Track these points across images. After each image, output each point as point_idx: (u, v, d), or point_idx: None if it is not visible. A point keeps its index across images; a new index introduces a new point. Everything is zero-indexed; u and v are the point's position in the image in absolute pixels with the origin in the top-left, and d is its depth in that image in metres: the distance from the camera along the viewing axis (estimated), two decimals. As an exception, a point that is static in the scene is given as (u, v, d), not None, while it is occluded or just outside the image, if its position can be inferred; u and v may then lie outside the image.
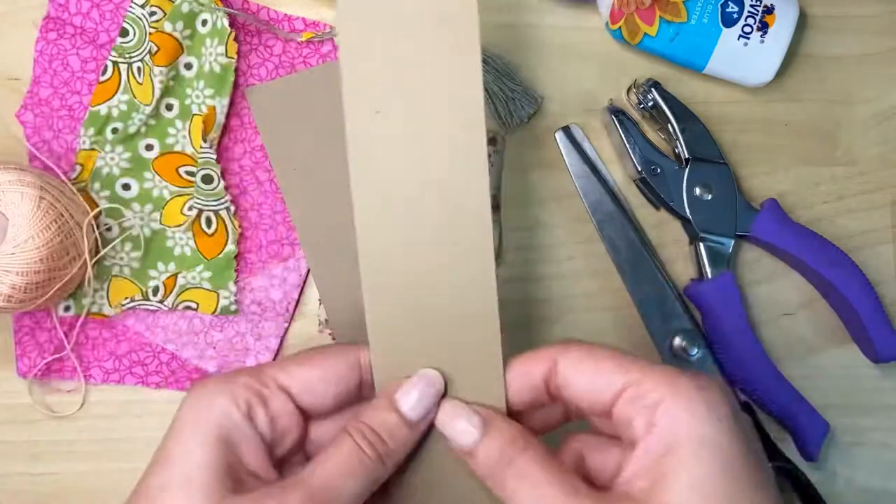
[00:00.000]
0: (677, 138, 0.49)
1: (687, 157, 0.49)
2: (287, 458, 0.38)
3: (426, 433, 0.37)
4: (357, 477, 0.34)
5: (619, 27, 0.49)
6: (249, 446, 0.35)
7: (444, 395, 0.37)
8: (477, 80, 0.37)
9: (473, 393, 0.37)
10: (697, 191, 0.49)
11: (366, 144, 0.37)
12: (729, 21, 0.49)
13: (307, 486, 0.33)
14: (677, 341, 0.49)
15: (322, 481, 0.34)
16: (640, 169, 0.49)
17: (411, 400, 0.36)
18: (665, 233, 0.51)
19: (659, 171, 0.49)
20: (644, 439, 0.31)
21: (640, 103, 0.50)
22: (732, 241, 0.49)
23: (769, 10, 0.49)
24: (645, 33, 0.49)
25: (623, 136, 0.49)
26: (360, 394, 0.38)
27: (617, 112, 0.50)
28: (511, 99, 0.51)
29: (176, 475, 0.33)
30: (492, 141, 0.51)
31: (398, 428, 0.36)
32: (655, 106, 0.49)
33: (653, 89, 0.49)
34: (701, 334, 0.50)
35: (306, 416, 0.38)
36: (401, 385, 0.36)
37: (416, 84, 0.37)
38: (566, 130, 0.51)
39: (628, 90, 0.51)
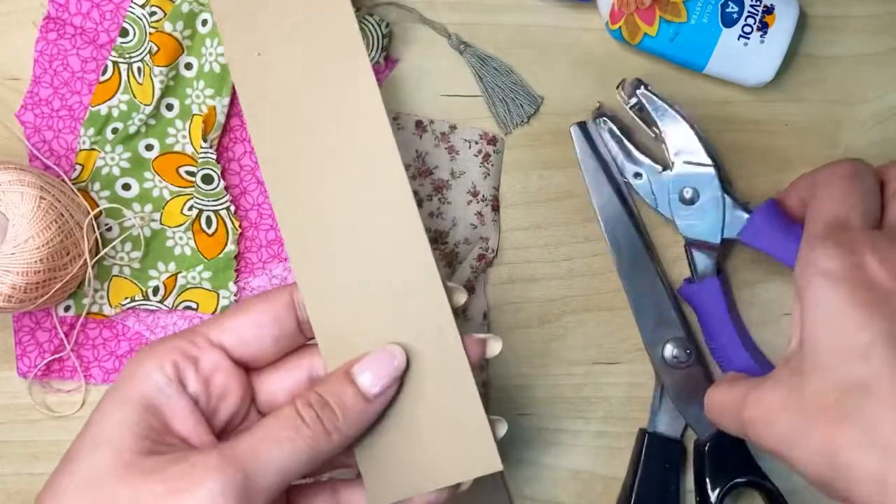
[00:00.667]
0: (662, 140, 0.48)
1: (672, 159, 0.49)
2: (234, 424, 0.36)
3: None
4: (288, 446, 0.32)
5: (619, 27, 0.49)
6: (177, 411, 0.33)
7: (407, 368, 0.35)
8: (349, 13, 0.37)
9: (434, 360, 0.36)
10: (683, 194, 0.48)
11: (254, 86, 0.37)
12: (729, 21, 0.49)
13: (228, 450, 0.31)
14: (669, 349, 0.49)
15: (247, 446, 0.32)
16: (623, 174, 0.49)
17: (370, 374, 0.34)
18: (671, 232, 0.51)
19: (643, 175, 0.49)
20: None
21: (627, 103, 0.49)
22: (719, 246, 0.49)
23: (769, 10, 0.49)
24: (645, 33, 0.49)
25: (606, 141, 0.49)
26: (303, 335, 0.37)
27: (600, 116, 0.49)
28: (511, 99, 0.51)
29: (89, 437, 0.32)
30: (491, 141, 0.51)
31: (353, 400, 0.34)
32: (641, 107, 0.49)
33: (637, 91, 0.48)
34: (694, 343, 0.50)
35: (249, 371, 0.36)
36: (360, 359, 0.35)
37: (293, 25, 0.37)
38: (581, 126, 0.51)
39: (618, 87, 0.50)
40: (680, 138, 0.48)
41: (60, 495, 0.31)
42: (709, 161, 0.48)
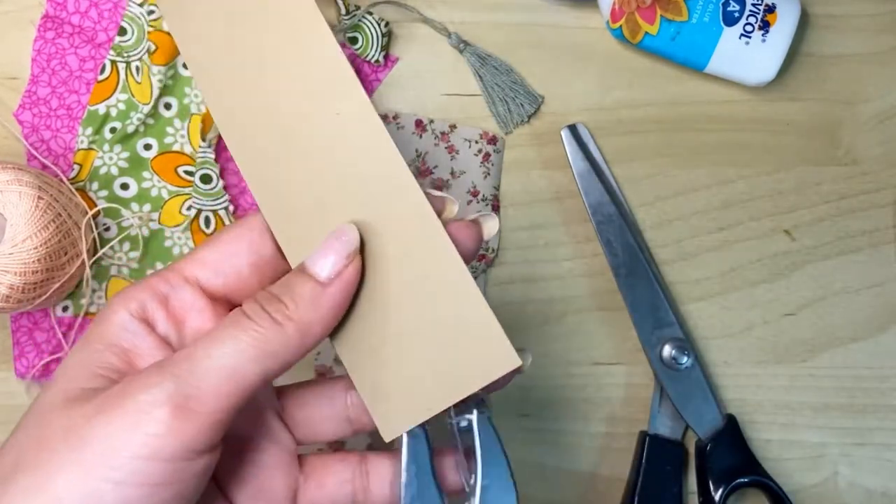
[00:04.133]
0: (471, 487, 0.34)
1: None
2: None
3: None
4: (230, 343, 0.28)
5: (620, 26, 0.49)
6: (143, 349, 0.31)
7: (366, 247, 0.32)
8: None
9: (419, 260, 0.32)
10: None
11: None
12: (730, 20, 0.48)
13: (163, 361, 0.28)
14: (667, 349, 0.49)
15: (183, 353, 0.28)
16: None
17: (321, 259, 0.31)
18: (666, 233, 0.51)
19: None
20: None
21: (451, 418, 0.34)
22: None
23: (771, 9, 0.49)
24: (646, 32, 0.49)
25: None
26: (285, 262, 0.33)
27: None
28: (511, 98, 0.51)
29: (50, 382, 0.30)
30: (491, 140, 0.51)
31: (304, 287, 0.30)
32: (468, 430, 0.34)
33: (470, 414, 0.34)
34: (692, 344, 0.49)
35: (230, 308, 0.33)
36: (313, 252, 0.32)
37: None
38: (572, 129, 0.51)
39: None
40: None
41: (11, 436, 0.29)
42: None
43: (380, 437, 0.32)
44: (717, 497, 0.48)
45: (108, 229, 0.49)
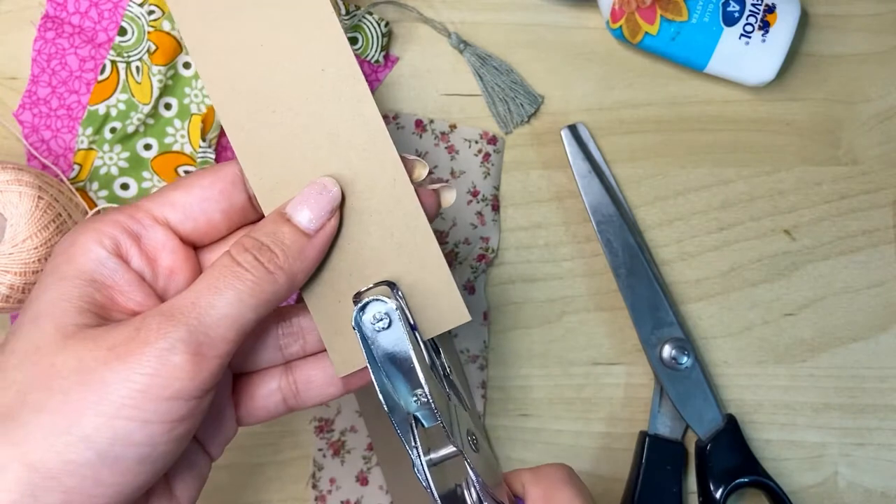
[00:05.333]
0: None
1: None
2: None
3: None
4: (230, 293, 0.30)
5: (620, 26, 0.49)
6: (122, 285, 0.31)
7: (343, 201, 0.34)
8: None
9: (388, 214, 0.34)
10: None
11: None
12: (730, 20, 0.48)
13: (167, 308, 0.30)
14: (667, 349, 0.49)
15: (186, 301, 0.30)
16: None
17: (305, 209, 0.32)
18: (666, 233, 0.51)
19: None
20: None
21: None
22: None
23: (770, 9, 0.49)
24: (646, 32, 0.49)
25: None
26: (254, 211, 0.35)
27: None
28: (511, 98, 0.51)
29: (28, 315, 0.30)
30: (491, 140, 0.51)
31: (292, 237, 0.32)
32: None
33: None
34: (692, 344, 0.49)
35: (197, 249, 0.34)
36: (291, 199, 0.33)
37: None
38: (572, 129, 0.51)
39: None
40: None
41: (3, 371, 0.29)
42: None
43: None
44: (717, 497, 0.48)
45: (108, 229, 0.49)
